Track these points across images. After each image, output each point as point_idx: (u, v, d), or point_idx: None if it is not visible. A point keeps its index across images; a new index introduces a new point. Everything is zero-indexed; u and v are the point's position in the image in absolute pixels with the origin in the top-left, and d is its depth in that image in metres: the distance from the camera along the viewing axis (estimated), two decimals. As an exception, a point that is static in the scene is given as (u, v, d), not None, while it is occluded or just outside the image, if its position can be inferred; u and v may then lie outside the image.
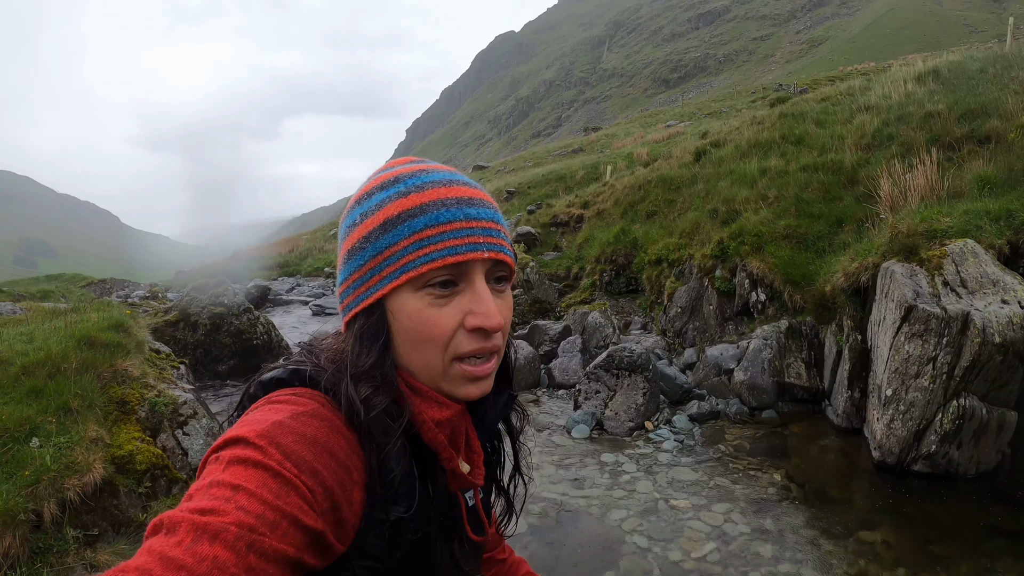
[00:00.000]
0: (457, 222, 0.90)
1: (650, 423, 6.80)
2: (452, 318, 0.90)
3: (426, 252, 0.88)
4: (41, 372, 4.09)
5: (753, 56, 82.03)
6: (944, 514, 4.83)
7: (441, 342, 0.91)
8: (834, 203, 8.24)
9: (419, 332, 0.91)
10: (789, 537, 4.61)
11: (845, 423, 6.24)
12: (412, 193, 0.91)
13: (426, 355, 0.92)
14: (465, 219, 0.91)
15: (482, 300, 0.91)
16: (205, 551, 0.65)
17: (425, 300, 0.90)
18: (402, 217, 0.90)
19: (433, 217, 0.89)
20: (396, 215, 0.90)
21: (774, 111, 13.94)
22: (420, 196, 0.91)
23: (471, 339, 0.91)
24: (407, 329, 0.91)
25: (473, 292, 0.91)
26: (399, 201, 0.91)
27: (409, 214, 0.90)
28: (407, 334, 0.92)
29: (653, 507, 5.15)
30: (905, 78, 11.33)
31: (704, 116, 34.28)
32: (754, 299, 8.00)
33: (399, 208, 0.90)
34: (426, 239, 0.89)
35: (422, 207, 0.90)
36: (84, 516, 3.55)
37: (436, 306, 0.90)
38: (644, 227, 12.10)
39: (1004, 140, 7.46)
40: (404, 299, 0.91)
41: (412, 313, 0.90)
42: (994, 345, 4.89)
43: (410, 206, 0.90)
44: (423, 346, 0.91)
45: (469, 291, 0.91)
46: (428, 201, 0.90)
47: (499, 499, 1.20)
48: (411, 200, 0.91)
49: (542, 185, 22.63)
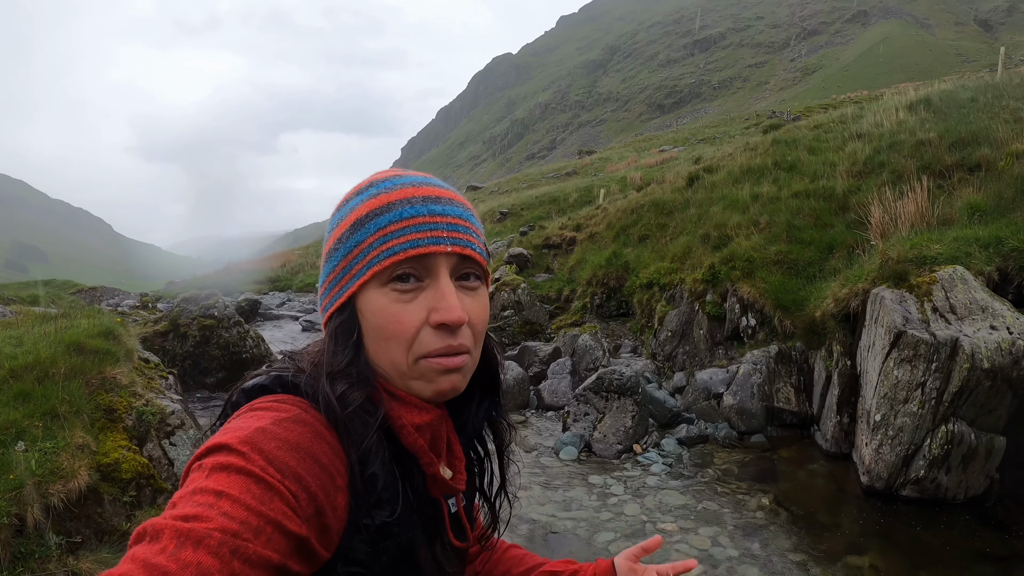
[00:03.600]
0: (420, 217, 0.91)
1: (639, 446, 6.78)
2: (416, 314, 0.91)
3: (389, 246, 0.90)
4: (29, 376, 4.06)
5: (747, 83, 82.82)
6: (932, 539, 4.83)
7: (405, 339, 0.91)
8: (825, 229, 8.30)
9: (383, 328, 0.91)
10: (777, 561, 4.59)
11: (834, 448, 6.24)
12: (382, 194, 0.94)
13: (391, 352, 0.92)
14: (429, 214, 0.92)
15: (444, 295, 0.91)
16: (189, 557, 0.65)
17: (390, 296, 0.91)
18: (370, 216, 0.92)
19: (397, 213, 0.91)
20: (365, 214, 0.93)
21: (767, 138, 14.05)
22: (388, 195, 0.93)
23: (436, 336, 0.91)
24: (373, 326, 0.92)
25: (437, 288, 0.91)
26: (369, 202, 0.94)
27: (376, 212, 0.92)
28: (373, 331, 0.92)
29: (640, 530, 5.13)
30: (897, 106, 11.47)
31: (698, 142, 34.51)
32: (744, 324, 8.02)
33: (368, 207, 0.93)
34: (389, 234, 0.90)
35: (388, 205, 0.92)
36: (68, 523, 3.51)
37: (400, 302, 0.91)
38: (636, 251, 12.13)
39: (994, 168, 7.55)
40: (371, 296, 0.92)
41: (377, 309, 0.91)
42: (983, 371, 4.91)
43: (377, 205, 0.92)
44: (387, 343, 0.92)
45: (433, 287, 0.92)
46: (395, 199, 0.92)
47: (485, 510, 1.20)
48: (379, 200, 0.93)
49: (535, 207, 22.67)
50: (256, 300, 15.45)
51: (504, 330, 11.30)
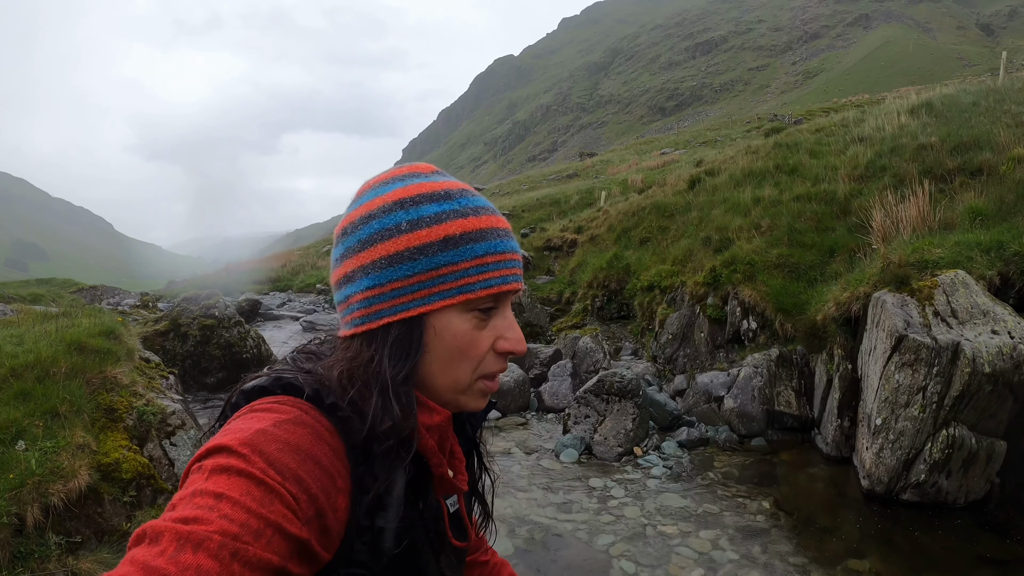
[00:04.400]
0: (508, 253, 0.97)
1: (639, 449, 6.77)
2: (487, 340, 0.97)
3: (485, 278, 0.93)
4: (30, 375, 4.05)
5: (749, 86, 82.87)
6: (933, 543, 4.82)
7: (476, 361, 0.96)
8: (826, 233, 8.30)
9: (461, 351, 0.95)
10: (777, 565, 4.58)
11: (834, 452, 6.23)
12: (471, 216, 0.94)
13: (459, 372, 0.96)
14: (511, 252, 0.98)
15: (512, 327, 0.98)
16: (188, 560, 0.64)
17: (472, 322, 0.95)
18: (464, 239, 0.92)
19: (492, 245, 0.94)
20: (459, 235, 0.92)
21: (768, 141, 14.05)
22: (478, 221, 0.94)
23: (497, 360, 0.99)
24: (449, 347, 0.94)
25: (504, 318, 0.98)
26: (460, 222, 0.93)
27: (471, 237, 0.93)
28: (448, 352, 0.94)
29: (641, 532, 5.12)
30: (899, 110, 11.47)
31: (699, 144, 34.53)
32: (745, 327, 8.02)
33: (462, 228, 0.92)
34: (485, 265, 0.93)
35: (482, 232, 0.94)
36: (67, 522, 3.51)
37: (478, 328, 0.95)
38: (637, 253, 12.12)
39: (996, 172, 7.54)
40: (451, 318, 0.93)
41: (459, 333, 0.94)
42: (984, 375, 4.91)
43: (472, 229, 0.93)
44: (459, 363, 0.95)
45: (499, 316, 0.98)
46: (487, 228, 0.95)
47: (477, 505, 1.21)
48: (471, 223, 0.93)
49: (536, 209, 22.70)
50: (257, 300, 15.44)
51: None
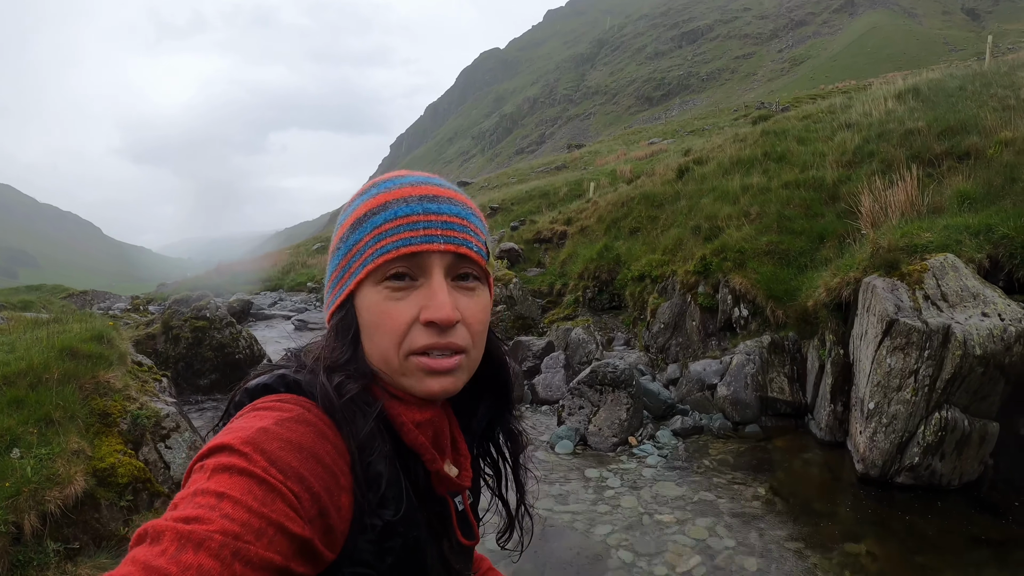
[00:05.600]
0: (415, 215, 0.92)
1: (634, 438, 6.79)
2: (407, 312, 0.91)
3: (382, 244, 0.91)
4: (22, 382, 4.03)
5: (735, 74, 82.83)
6: (928, 525, 4.86)
7: (395, 335, 0.91)
8: (816, 219, 8.32)
9: (376, 325, 0.92)
10: (774, 550, 4.61)
11: (828, 437, 6.27)
12: (380, 193, 0.95)
13: (382, 348, 0.93)
14: (424, 212, 0.93)
15: (435, 294, 0.91)
16: (190, 560, 0.64)
17: (383, 293, 0.92)
18: (367, 215, 0.94)
19: (392, 212, 0.93)
20: (363, 214, 0.94)
21: (756, 129, 14.06)
22: (386, 195, 0.94)
23: (425, 334, 0.91)
24: (367, 322, 0.94)
25: (429, 286, 0.92)
26: (368, 202, 0.95)
27: (372, 212, 0.94)
28: (367, 327, 0.94)
29: (638, 522, 5.14)
30: (886, 96, 11.49)
31: (687, 134, 34.53)
32: (737, 315, 8.05)
33: (366, 207, 0.95)
34: (384, 232, 0.92)
35: (385, 204, 0.94)
36: (65, 529, 3.50)
37: (393, 299, 0.92)
38: (627, 244, 12.13)
39: (983, 156, 7.58)
40: (366, 293, 0.93)
41: (371, 306, 0.93)
42: (975, 357, 4.95)
43: (375, 205, 0.94)
44: (379, 339, 0.93)
45: (426, 285, 0.92)
46: (392, 199, 0.94)
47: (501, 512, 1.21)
48: (377, 199, 0.94)
49: (525, 201, 22.67)
50: (248, 300, 15.40)
51: (497, 325, 11.30)
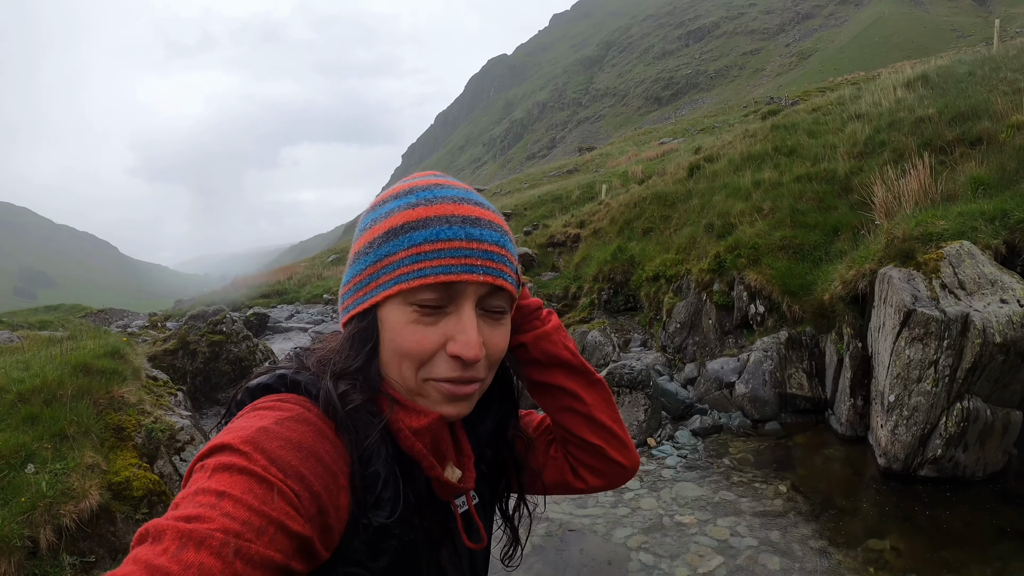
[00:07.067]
0: (457, 241, 0.88)
1: (652, 439, 6.75)
2: (433, 340, 0.89)
3: (420, 267, 0.87)
4: (37, 399, 4.07)
5: (744, 71, 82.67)
6: (953, 518, 4.78)
7: (417, 360, 0.90)
8: (829, 212, 8.26)
9: (398, 345, 0.90)
10: (797, 548, 4.56)
11: (849, 431, 6.20)
12: (420, 206, 0.90)
13: (401, 369, 0.91)
14: (466, 239, 0.89)
15: (465, 328, 0.89)
16: (191, 558, 0.64)
17: (411, 316, 0.89)
18: (405, 228, 0.89)
19: (434, 232, 0.88)
20: (400, 225, 0.90)
21: (766, 124, 14.00)
22: (427, 210, 0.90)
23: (449, 366, 0.90)
24: (389, 340, 0.91)
25: (459, 318, 0.89)
26: (406, 212, 0.90)
27: (412, 226, 0.89)
28: (389, 345, 0.91)
29: (658, 523, 5.10)
30: (895, 85, 11.40)
31: (697, 132, 34.44)
32: (753, 311, 7.98)
33: (404, 219, 0.90)
34: (423, 254, 0.87)
35: (425, 221, 0.89)
36: (80, 543, 3.52)
37: (420, 324, 0.89)
38: (641, 244, 12.10)
39: (995, 141, 7.48)
40: (393, 310, 0.90)
41: (396, 325, 0.90)
42: (995, 345, 4.87)
43: (415, 218, 0.89)
44: (399, 360, 0.91)
45: (456, 315, 0.89)
46: (433, 216, 0.89)
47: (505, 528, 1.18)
48: (417, 212, 0.90)
49: (538, 206, 22.68)
50: (264, 314, 15.49)
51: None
